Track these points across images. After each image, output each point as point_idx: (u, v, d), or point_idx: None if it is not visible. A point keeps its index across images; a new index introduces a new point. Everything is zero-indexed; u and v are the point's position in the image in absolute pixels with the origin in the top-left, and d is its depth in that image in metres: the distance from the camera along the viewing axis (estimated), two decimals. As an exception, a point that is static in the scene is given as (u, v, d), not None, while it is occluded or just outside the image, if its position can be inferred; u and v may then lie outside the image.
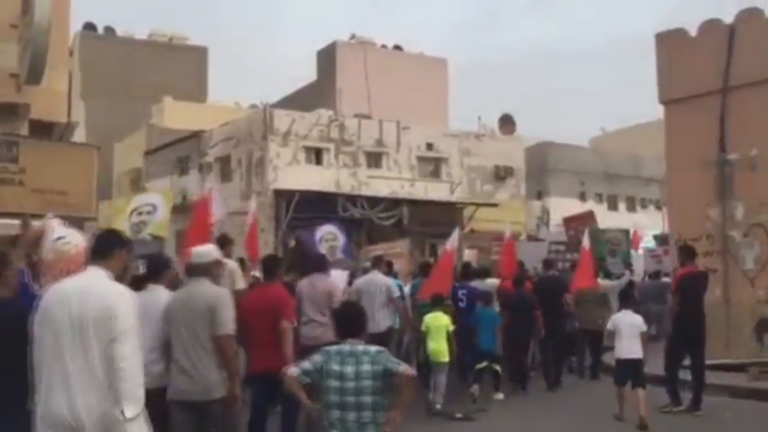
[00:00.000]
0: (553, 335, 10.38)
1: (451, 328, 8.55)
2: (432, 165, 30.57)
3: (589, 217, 16.99)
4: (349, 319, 4.32)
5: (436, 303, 8.64)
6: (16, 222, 13.10)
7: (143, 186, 36.15)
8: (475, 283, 10.34)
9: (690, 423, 8.39)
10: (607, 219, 37.00)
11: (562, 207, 35.72)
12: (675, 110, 12.43)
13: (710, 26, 12.13)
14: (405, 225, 24.57)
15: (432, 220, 26.81)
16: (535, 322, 10.15)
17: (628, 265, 16.84)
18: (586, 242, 11.16)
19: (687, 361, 9.01)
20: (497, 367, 9.12)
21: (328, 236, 10.89)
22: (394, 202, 25.91)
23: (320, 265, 7.84)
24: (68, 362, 3.46)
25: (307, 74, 45.50)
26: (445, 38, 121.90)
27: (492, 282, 10.84)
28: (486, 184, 31.85)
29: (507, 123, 37.06)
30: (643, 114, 52.25)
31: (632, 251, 18.48)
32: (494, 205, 29.12)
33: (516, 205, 31.82)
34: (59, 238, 4.96)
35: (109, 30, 51.62)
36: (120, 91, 46.61)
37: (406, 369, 4.03)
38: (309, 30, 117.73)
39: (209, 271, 5.24)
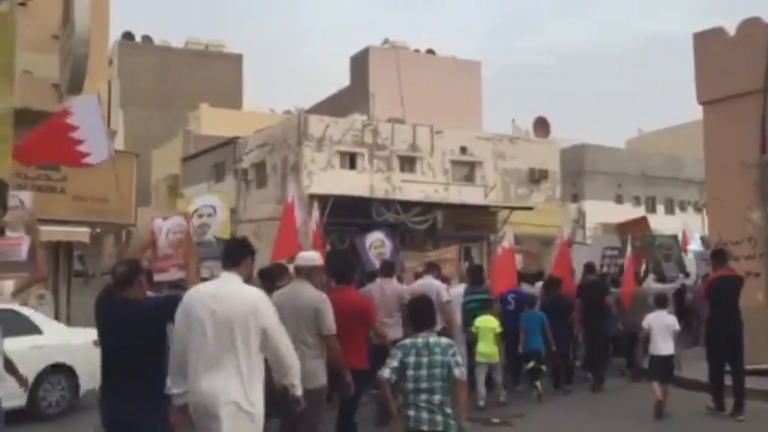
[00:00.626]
0: (595, 337, 10.53)
1: (499, 330, 9.00)
2: (466, 169, 30.46)
3: (642, 223, 17.09)
4: (422, 314, 4.92)
5: (486, 306, 9.19)
6: (59, 229, 13.45)
7: (180, 192, 36.70)
8: (525, 287, 10.70)
9: (730, 428, 8.28)
10: (644, 222, 36.56)
11: (599, 210, 35.30)
12: (714, 111, 12.20)
13: (749, 25, 11.88)
14: (439, 229, 24.53)
15: (466, 224, 26.71)
16: (572, 325, 10.31)
17: (682, 268, 16.65)
18: (628, 249, 11.30)
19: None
20: (542, 367, 9.44)
21: (377, 243, 11.54)
22: (428, 207, 25.86)
23: (387, 270, 8.58)
24: (213, 350, 4.14)
25: (341, 79, 45.69)
26: (477, 42, 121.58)
27: (540, 285, 11.27)
28: (520, 188, 31.62)
29: (541, 125, 36.73)
30: (682, 114, 51.41)
31: (684, 255, 18.24)
32: (529, 208, 28.89)
33: (551, 208, 31.51)
34: (169, 231, 6.35)
35: (146, 39, 52.57)
36: (157, 98, 47.43)
37: (461, 374, 4.57)
38: (342, 36, 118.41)
39: (312, 274, 5.74)
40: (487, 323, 8.90)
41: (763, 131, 11.52)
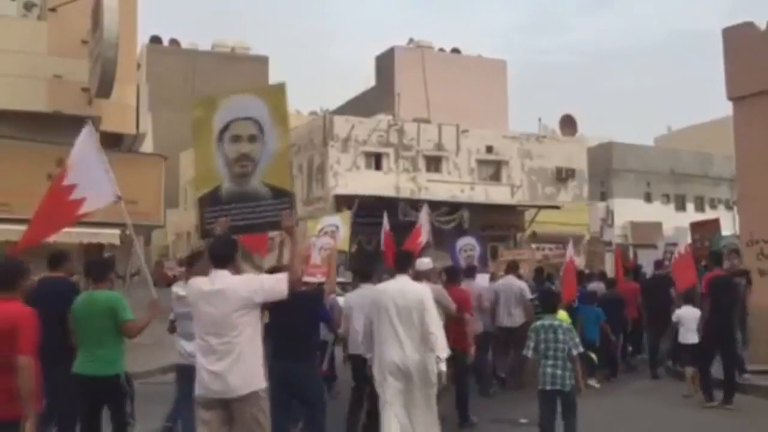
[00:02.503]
0: (660, 328, 11.36)
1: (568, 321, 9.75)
2: (492, 168, 30.37)
3: (714, 224, 17.68)
4: (548, 301, 6.83)
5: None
6: (89, 231, 13.63)
7: (208, 193, 37.02)
8: (593, 285, 11.93)
9: (717, 417, 8.53)
10: (674, 220, 35.98)
11: (627, 208, 34.89)
12: (744, 107, 11.98)
13: (781, 19, 11.68)
14: (466, 228, 24.46)
15: (493, 223, 26.62)
16: (624, 318, 11.45)
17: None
18: (682, 248, 11.79)
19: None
20: (592, 355, 9.95)
21: (467, 247, 12.51)
22: (455, 206, 25.82)
23: (469, 272, 9.97)
24: (398, 329, 5.82)
25: (366, 80, 45.76)
26: (503, 41, 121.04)
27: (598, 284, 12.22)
28: (547, 186, 31.43)
29: (568, 124, 36.46)
30: (712, 111, 50.73)
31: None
32: (556, 207, 28.72)
33: (579, 207, 31.26)
34: (321, 247, 9.38)
35: (174, 42, 53.19)
36: (185, 101, 47.75)
37: (576, 351, 6.26)
38: (367, 36, 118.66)
39: (426, 274, 7.30)
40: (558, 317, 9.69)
41: (794, 127, 11.32)
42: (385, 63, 43.92)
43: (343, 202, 25.59)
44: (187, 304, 5.05)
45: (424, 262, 7.59)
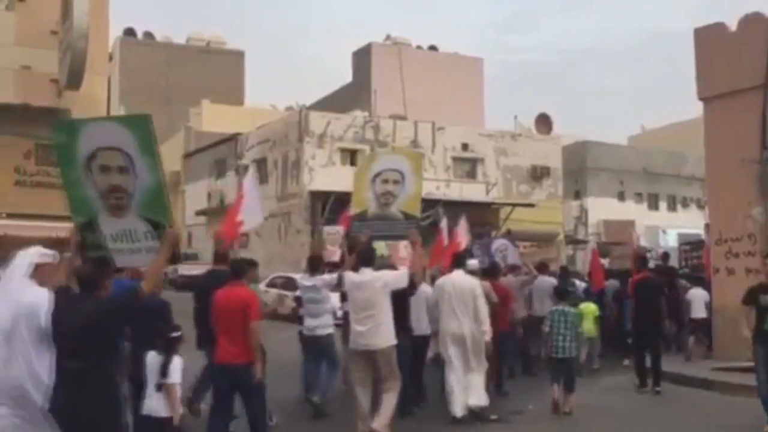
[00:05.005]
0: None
1: (598, 313, 11.40)
2: (468, 165, 30.45)
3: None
4: (562, 293, 8.95)
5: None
6: (61, 225, 13.44)
7: (182, 189, 36.73)
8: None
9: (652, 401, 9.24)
10: (647, 218, 36.41)
11: (601, 206, 35.23)
12: (715, 107, 12.12)
13: (751, 20, 11.78)
14: (440, 226, 24.47)
15: (468, 220, 26.64)
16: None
17: None
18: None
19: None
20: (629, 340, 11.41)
21: (501, 247, 13.23)
22: (430, 203, 25.82)
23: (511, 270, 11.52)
24: (456, 308, 7.82)
25: (343, 76, 45.66)
26: (479, 39, 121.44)
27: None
28: (522, 184, 31.59)
29: (544, 122, 36.70)
30: (685, 111, 51.31)
31: None
32: (531, 205, 28.89)
33: (553, 205, 31.49)
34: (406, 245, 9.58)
35: (148, 35, 52.57)
36: (159, 94, 47.39)
37: (580, 330, 8.77)
38: (344, 32, 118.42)
39: (474, 272, 8.69)
40: (589, 308, 11.24)
41: (763, 127, 11.43)
42: (361, 59, 43.86)
43: (318, 198, 25.50)
44: (312, 291, 8.21)
45: (472, 263, 9.23)
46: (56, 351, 4.23)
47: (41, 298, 4.39)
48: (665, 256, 14.32)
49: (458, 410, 7.70)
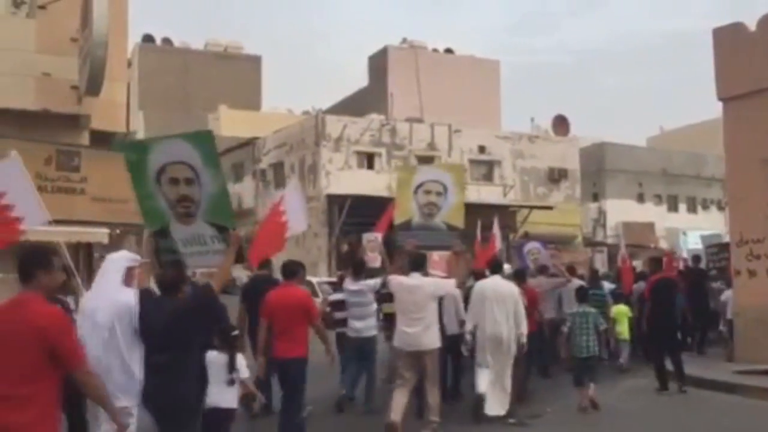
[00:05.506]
0: (699, 314, 12.61)
1: (630, 315, 11.57)
2: (484, 168, 30.38)
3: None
4: (583, 295, 9.17)
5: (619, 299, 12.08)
6: (78, 230, 13.58)
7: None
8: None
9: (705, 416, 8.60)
10: (667, 220, 36.10)
11: (620, 208, 34.96)
12: (734, 107, 12.00)
13: (771, 20, 11.69)
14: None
15: (485, 223, 26.55)
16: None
17: None
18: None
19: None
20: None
21: (533, 251, 13.30)
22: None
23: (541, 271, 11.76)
24: (495, 310, 7.93)
25: (359, 80, 45.76)
26: (496, 41, 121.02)
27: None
28: (540, 187, 31.46)
29: (561, 124, 36.51)
30: (705, 112, 50.85)
31: None
32: (549, 207, 28.75)
33: (571, 208, 31.32)
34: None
35: (166, 41, 52.99)
36: (177, 100, 47.75)
37: (602, 329, 9.03)
38: (361, 36, 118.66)
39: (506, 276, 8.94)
40: (622, 310, 11.60)
41: (784, 127, 11.33)
42: (378, 63, 43.91)
43: (335, 201, 25.55)
44: (358, 295, 8.47)
45: (506, 268, 9.69)
46: (144, 347, 4.75)
47: (132, 299, 4.89)
48: (697, 258, 14.52)
49: (491, 410, 7.93)
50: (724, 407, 9.10)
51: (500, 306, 8.00)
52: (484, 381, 7.99)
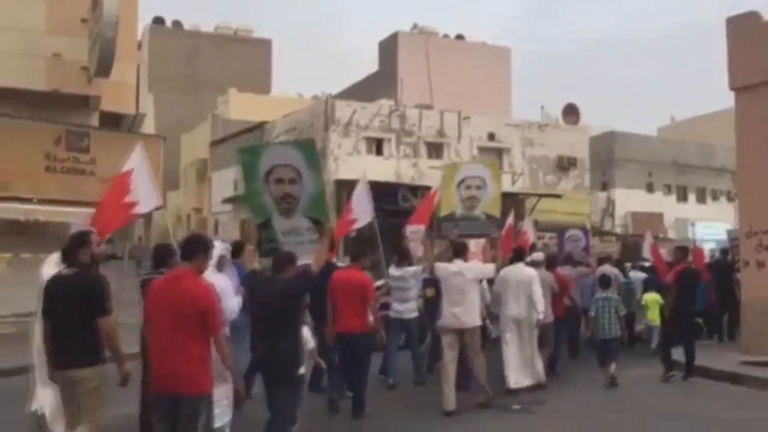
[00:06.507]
0: (726, 303, 13.11)
1: (661, 302, 11.70)
2: (493, 155, 30.21)
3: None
4: (605, 282, 9.95)
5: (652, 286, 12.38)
6: (88, 211, 13.62)
7: (209, 177, 37.03)
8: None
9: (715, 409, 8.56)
10: (676, 210, 35.92)
11: (629, 198, 34.80)
12: (746, 97, 11.88)
13: (786, 9, 11.56)
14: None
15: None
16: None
17: None
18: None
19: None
20: (699, 320, 12.38)
21: (574, 236, 13.75)
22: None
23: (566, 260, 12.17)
24: (517, 296, 8.76)
25: (369, 65, 45.59)
26: (507, 28, 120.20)
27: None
28: (549, 175, 31.32)
29: (571, 112, 36.27)
30: (717, 102, 50.46)
31: None
32: (557, 196, 28.62)
33: (580, 197, 31.18)
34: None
35: (176, 23, 52.90)
36: (187, 83, 47.74)
37: (621, 313, 9.73)
38: (371, 21, 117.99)
39: (538, 264, 9.59)
40: (653, 298, 11.91)
41: (797, 118, 11.22)
42: (388, 48, 43.71)
43: (343, 186, 25.51)
44: (401, 280, 9.30)
45: (538, 256, 10.30)
46: (255, 318, 5.76)
47: (224, 284, 5.72)
48: (725, 251, 14.85)
49: (512, 383, 8.73)
50: (727, 397, 9.13)
51: (519, 290, 8.79)
52: (507, 356, 8.84)
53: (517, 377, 8.79)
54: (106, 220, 7.42)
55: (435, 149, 28.80)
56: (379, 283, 9.83)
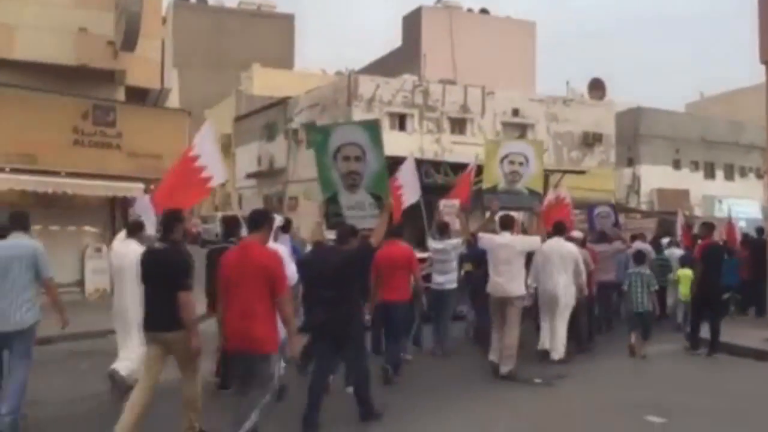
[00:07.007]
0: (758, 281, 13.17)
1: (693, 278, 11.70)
2: (518, 131, 30.02)
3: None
4: (639, 258, 10.31)
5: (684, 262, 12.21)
6: (114, 184, 13.82)
7: (233, 152, 37.24)
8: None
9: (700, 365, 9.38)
10: (703, 187, 35.44)
11: (655, 174, 34.37)
12: (777, 71, 11.70)
13: (820, -20, 11.28)
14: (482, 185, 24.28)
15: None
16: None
17: None
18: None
19: None
20: (738, 296, 13.38)
21: (603, 213, 13.81)
22: (478, 169, 25.64)
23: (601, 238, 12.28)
24: (555, 270, 9.05)
25: (393, 40, 45.30)
26: (533, 1, 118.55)
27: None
28: (573, 151, 31.06)
29: (597, 88, 35.80)
30: (747, 78, 49.47)
31: None
32: (582, 172, 28.36)
33: (605, 173, 30.90)
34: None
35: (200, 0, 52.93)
36: (211, 58, 47.86)
37: (653, 288, 10.00)
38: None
39: (576, 241, 10.03)
40: (686, 273, 11.73)
41: (829, 92, 11.00)
42: (411, 23, 43.38)
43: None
44: (442, 253, 9.62)
45: (577, 233, 10.79)
46: (316, 284, 6.18)
47: (284, 251, 6.33)
48: (761, 230, 14.91)
49: (546, 346, 9.22)
50: (751, 373, 9.09)
51: (559, 265, 9.06)
52: (543, 326, 9.29)
53: (547, 344, 9.21)
54: (182, 196, 7.76)
55: (458, 125, 28.67)
56: (423, 255, 10.02)
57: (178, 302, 5.27)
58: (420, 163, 24.28)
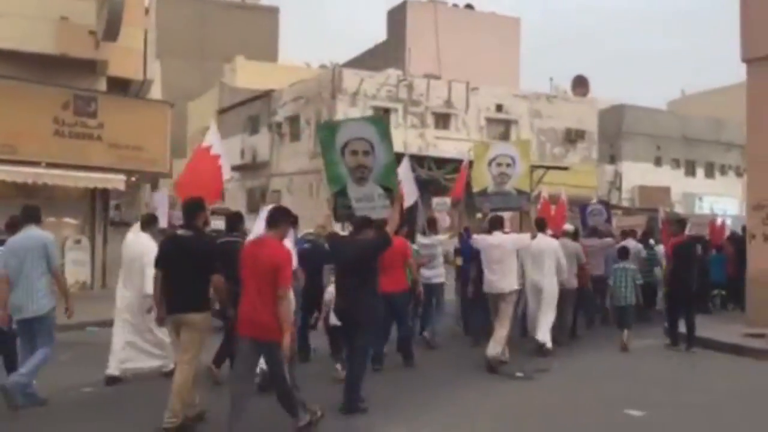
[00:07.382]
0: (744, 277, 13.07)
1: None
2: (501, 127, 30.12)
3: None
4: (623, 253, 10.68)
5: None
6: (95, 175, 13.67)
7: (216, 144, 36.94)
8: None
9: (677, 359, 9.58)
10: (684, 185, 35.77)
11: (636, 171, 34.63)
12: (758, 68, 11.77)
13: (801, -21, 11.39)
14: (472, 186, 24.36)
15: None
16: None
17: None
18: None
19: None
20: (723, 292, 14.20)
21: (595, 211, 14.15)
22: (461, 164, 25.68)
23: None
24: (538, 265, 9.56)
25: (378, 34, 45.18)
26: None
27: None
28: (557, 147, 31.20)
29: (580, 85, 35.99)
30: (728, 77, 49.90)
31: None
32: (565, 168, 28.53)
33: (587, 169, 31.07)
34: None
35: (184, -10, 52.38)
36: (194, 50, 47.47)
37: (637, 282, 10.40)
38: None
39: (568, 235, 10.85)
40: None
41: (809, 91, 11.13)
42: (396, 17, 43.27)
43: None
44: (429, 248, 10.01)
45: (569, 225, 11.36)
46: (338, 272, 6.73)
47: (291, 247, 6.42)
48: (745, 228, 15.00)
49: (537, 336, 9.54)
50: (731, 369, 9.19)
51: (540, 259, 9.53)
52: (530, 316, 9.82)
53: (535, 332, 9.58)
54: (207, 191, 8.11)
55: (442, 120, 28.68)
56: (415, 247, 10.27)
57: (213, 285, 5.75)
58: (404, 158, 24.40)
